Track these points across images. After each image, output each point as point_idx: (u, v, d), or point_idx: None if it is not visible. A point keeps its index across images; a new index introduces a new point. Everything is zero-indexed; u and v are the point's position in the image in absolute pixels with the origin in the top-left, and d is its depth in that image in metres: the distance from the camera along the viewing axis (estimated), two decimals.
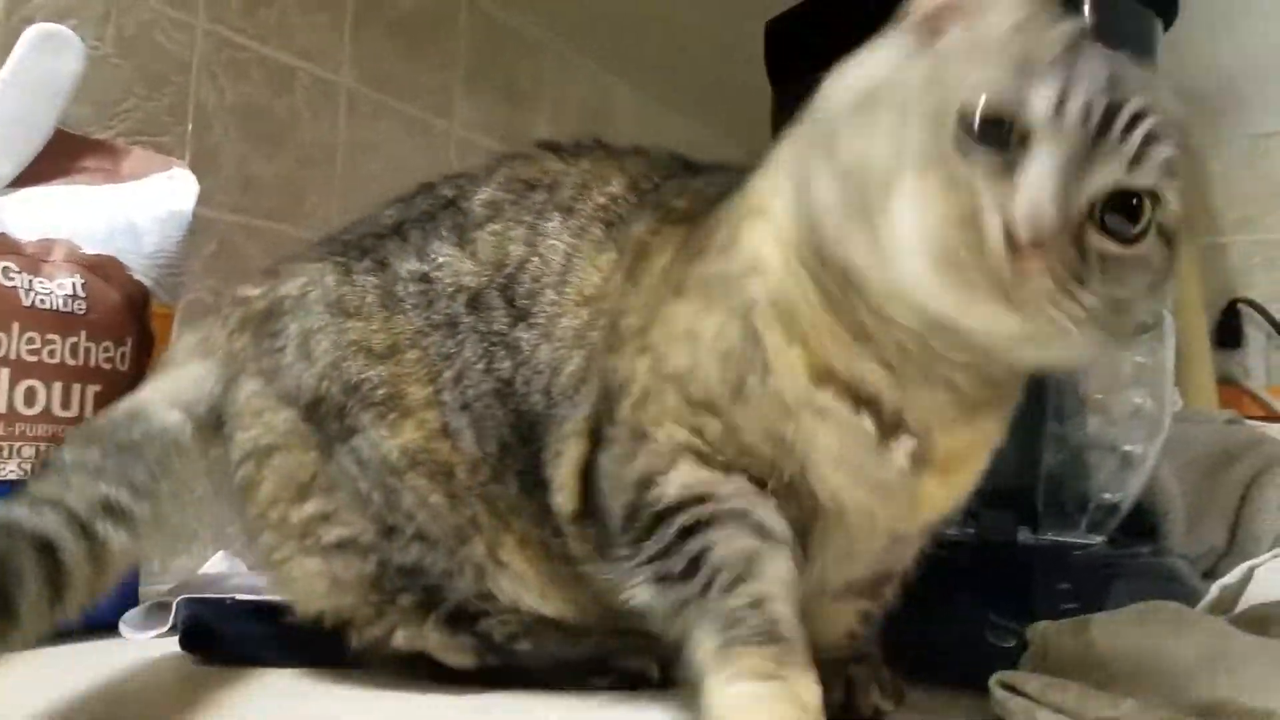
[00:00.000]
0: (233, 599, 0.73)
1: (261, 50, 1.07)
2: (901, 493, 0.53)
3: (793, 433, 0.52)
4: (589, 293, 0.62)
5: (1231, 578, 0.74)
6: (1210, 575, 0.84)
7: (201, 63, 1.01)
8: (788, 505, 0.54)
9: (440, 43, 1.31)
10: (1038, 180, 0.44)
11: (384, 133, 1.22)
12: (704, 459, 0.54)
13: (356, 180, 1.17)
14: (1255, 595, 0.71)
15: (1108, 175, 0.45)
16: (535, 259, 0.64)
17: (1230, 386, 1.79)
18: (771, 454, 0.53)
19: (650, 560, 0.54)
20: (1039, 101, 0.45)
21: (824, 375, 0.52)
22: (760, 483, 0.54)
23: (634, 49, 1.53)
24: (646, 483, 0.55)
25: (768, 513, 0.53)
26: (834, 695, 0.55)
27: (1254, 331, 1.85)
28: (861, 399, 0.52)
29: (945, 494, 0.55)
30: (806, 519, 0.55)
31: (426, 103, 1.28)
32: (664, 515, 0.54)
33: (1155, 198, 0.46)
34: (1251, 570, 0.74)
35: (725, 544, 0.52)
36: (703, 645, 0.50)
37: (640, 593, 0.54)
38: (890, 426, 0.52)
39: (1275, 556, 0.76)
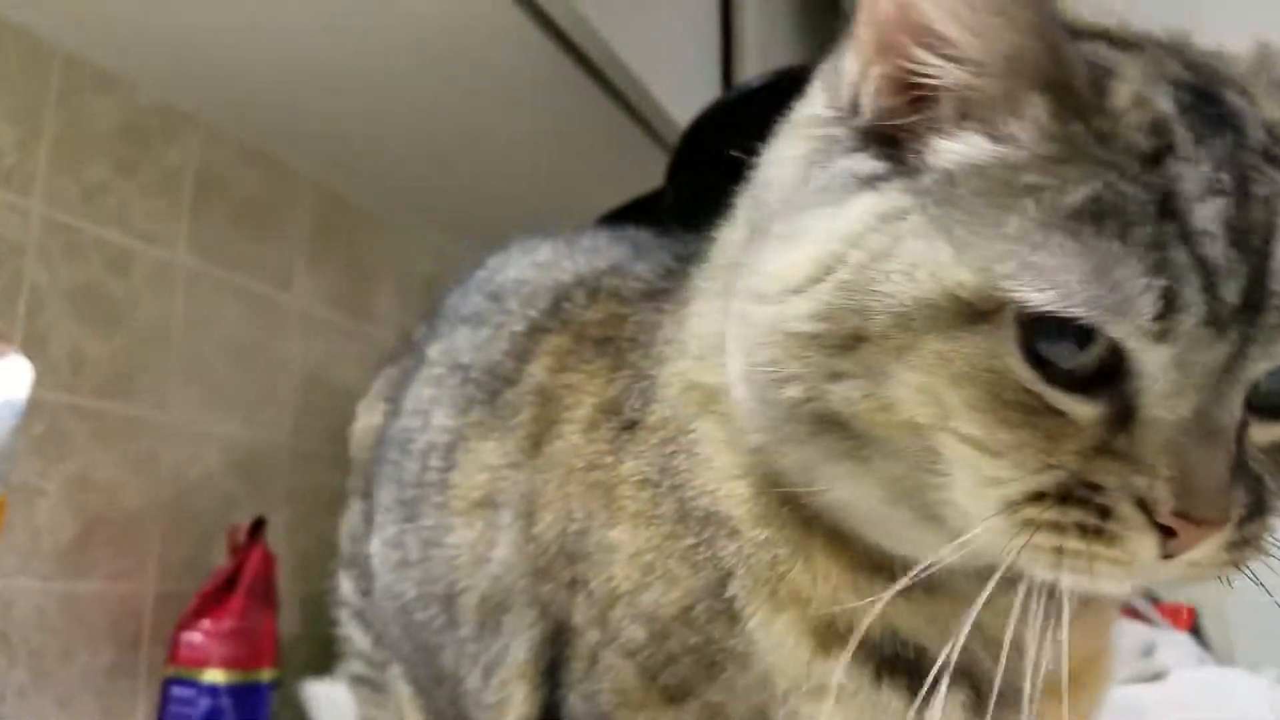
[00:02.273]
0: None
1: (99, 233, 1.09)
2: None
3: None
4: (477, 497, 0.49)
5: None
6: None
7: (37, 246, 1.02)
8: None
9: (281, 219, 1.35)
10: (1190, 444, 0.30)
11: (223, 309, 1.24)
12: None
13: (193, 356, 1.18)
14: None
15: (1263, 363, 0.31)
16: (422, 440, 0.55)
17: None
18: None
19: None
20: (1141, 303, 0.29)
21: (829, 638, 0.38)
22: None
23: (476, 219, 1.59)
24: None
25: None
26: None
27: None
28: (886, 657, 0.38)
29: None
30: None
31: (266, 277, 1.32)
32: None
33: None
34: None
35: None
36: None
37: None
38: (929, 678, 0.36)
39: None
